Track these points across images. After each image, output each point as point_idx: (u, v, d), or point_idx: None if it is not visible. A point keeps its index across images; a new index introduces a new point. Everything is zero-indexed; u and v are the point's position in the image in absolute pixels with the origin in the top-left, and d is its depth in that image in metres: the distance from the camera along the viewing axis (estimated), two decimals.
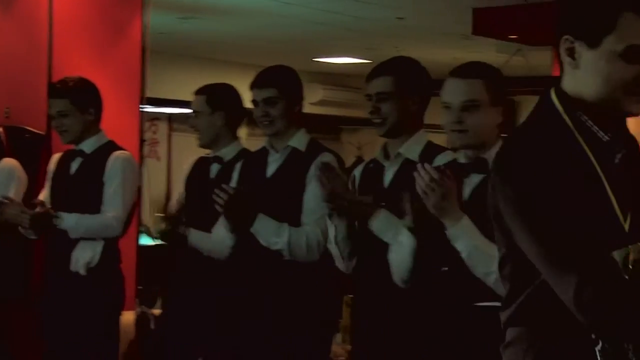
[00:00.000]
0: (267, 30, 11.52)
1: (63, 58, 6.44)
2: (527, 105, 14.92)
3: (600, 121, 2.32)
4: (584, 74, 2.31)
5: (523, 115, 10.73)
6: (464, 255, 3.29)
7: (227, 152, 4.83)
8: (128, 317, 5.18)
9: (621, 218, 2.26)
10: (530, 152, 2.26)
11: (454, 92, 3.39)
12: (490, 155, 3.35)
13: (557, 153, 2.26)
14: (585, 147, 2.30)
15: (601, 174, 2.27)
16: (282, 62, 4.56)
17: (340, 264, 4.04)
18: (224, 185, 4.31)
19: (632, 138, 2.45)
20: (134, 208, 5.14)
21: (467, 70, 3.44)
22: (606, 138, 2.32)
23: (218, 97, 4.86)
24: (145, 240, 6.54)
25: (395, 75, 3.85)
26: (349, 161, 12.27)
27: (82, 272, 4.84)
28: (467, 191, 3.42)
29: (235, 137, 4.91)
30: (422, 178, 3.31)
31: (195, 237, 4.70)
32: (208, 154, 4.98)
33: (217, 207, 4.23)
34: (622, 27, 2.25)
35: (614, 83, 2.27)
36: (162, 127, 13.38)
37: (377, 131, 3.92)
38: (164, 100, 11.56)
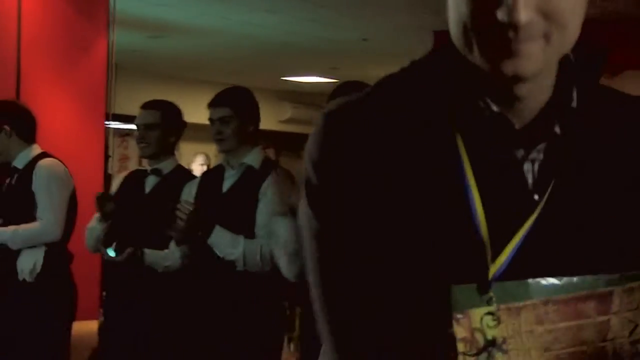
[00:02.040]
0: (236, 49, 11.67)
1: (30, 76, 6.55)
2: None
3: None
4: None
5: None
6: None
7: (166, 165, 4.99)
8: (90, 326, 5.23)
9: (487, 245, 1.35)
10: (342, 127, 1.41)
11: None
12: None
13: (389, 133, 1.39)
14: (454, 128, 1.39)
15: (468, 174, 1.37)
16: (252, 80, 4.70)
17: (285, 270, 4.29)
18: (184, 200, 4.51)
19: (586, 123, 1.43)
20: (74, 212, 5.19)
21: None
22: (492, 110, 1.38)
23: (173, 114, 5.06)
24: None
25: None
26: None
27: (29, 279, 4.96)
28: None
29: (173, 153, 5.10)
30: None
31: (152, 256, 4.82)
32: (143, 167, 5.17)
33: (179, 221, 4.42)
34: None
35: (461, 25, 1.35)
36: (133, 143, 13.35)
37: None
38: (135, 117, 11.57)
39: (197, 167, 10.97)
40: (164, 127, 4.97)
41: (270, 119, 14.70)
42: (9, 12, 6.47)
